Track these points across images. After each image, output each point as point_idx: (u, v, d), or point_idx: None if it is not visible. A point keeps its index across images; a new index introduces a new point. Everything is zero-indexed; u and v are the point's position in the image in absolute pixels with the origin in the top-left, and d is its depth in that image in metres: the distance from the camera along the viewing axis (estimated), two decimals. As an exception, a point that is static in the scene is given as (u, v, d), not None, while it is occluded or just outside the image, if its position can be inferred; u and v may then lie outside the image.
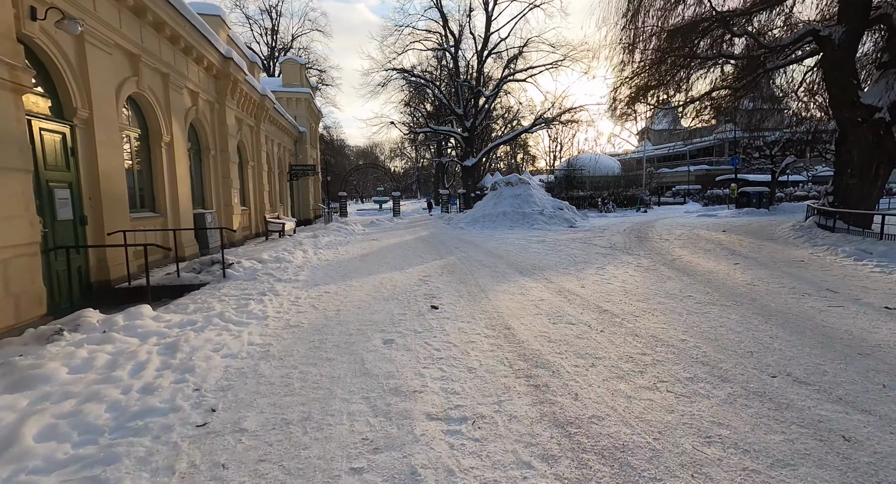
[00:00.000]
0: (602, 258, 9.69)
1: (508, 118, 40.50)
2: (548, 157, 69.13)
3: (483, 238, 14.83)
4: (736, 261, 8.83)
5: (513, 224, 18.98)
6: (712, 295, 5.86)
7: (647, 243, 12.19)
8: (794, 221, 16.12)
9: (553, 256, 10.08)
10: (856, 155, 12.23)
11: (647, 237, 13.73)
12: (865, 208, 12.44)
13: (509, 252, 10.97)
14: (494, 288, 6.69)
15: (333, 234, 15.75)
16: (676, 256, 9.74)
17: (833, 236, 11.05)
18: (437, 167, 55.07)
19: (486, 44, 28.86)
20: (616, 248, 11.48)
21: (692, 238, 13.13)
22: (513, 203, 20.58)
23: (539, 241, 13.49)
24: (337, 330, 4.70)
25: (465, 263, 9.36)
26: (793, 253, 9.66)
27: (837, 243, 9.87)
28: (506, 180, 22.09)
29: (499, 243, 13.03)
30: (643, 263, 8.86)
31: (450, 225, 21.37)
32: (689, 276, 7.33)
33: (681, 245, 11.60)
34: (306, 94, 24.14)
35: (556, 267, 8.59)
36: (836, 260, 8.33)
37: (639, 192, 31.69)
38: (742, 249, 10.55)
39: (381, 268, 8.85)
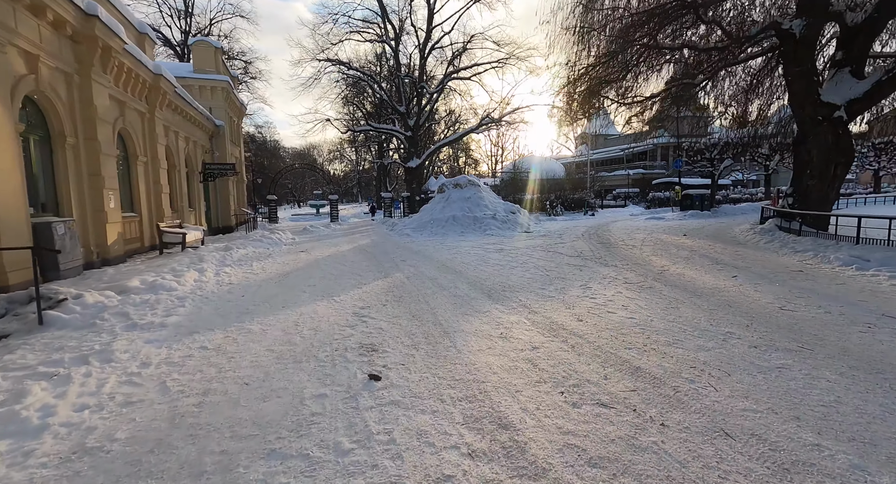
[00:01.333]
0: (578, 272, 8.13)
1: (451, 121, 39.14)
2: (490, 161, 69.22)
3: (433, 247, 12.89)
4: (728, 271, 7.64)
5: (464, 230, 17.26)
6: (757, 331, 4.34)
7: (616, 251, 10.92)
8: (749, 223, 15.92)
9: (521, 271, 8.37)
10: (815, 155, 11.85)
11: (612, 243, 12.55)
12: (823, 210, 12.13)
13: (467, 265, 9.13)
14: (461, 326, 4.76)
15: (253, 245, 13.03)
16: (659, 267, 8.42)
17: (804, 240, 10.41)
18: (378, 169, 52.63)
19: (428, 37, 27.12)
20: (586, 257, 10.06)
21: (659, 243, 12.11)
22: (463, 207, 18.88)
23: (497, 249, 11.81)
24: (178, 456, 2.47)
25: (416, 282, 7.35)
26: (780, 261, 8.71)
27: (819, 249, 9.09)
28: (454, 182, 20.38)
29: (452, 253, 11.16)
30: (630, 277, 7.38)
31: (394, 231, 19.24)
32: (698, 296, 5.89)
33: (653, 252, 10.43)
34: (224, 83, 20.84)
35: (531, 286, 6.85)
36: (837, 270, 7.37)
37: (584, 195, 31.50)
38: (722, 256, 9.53)
39: (302, 295, 6.58)
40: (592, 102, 13.56)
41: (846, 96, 11.33)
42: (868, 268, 7.14)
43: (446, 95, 34.01)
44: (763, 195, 26.40)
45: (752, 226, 14.96)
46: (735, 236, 13.23)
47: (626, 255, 10.20)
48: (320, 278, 8.00)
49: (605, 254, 10.43)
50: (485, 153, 72.18)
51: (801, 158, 12.28)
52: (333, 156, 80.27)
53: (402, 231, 18.38)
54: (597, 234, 15.58)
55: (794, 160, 12.62)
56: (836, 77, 11.65)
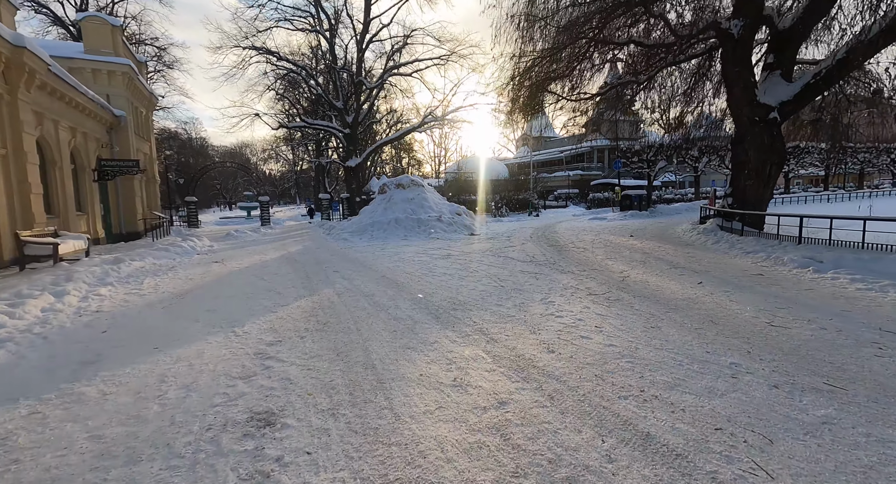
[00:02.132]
0: (535, 280, 7.25)
1: (393, 121, 37.73)
2: (433, 161, 68.51)
3: (373, 253, 11.56)
4: (690, 277, 7.12)
5: (407, 233, 16.04)
6: (763, 360, 3.57)
7: (569, 254, 10.27)
8: (688, 223, 16.19)
9: (472, 282, 7.34)
10: (752, 155, 12.03)
11: (562, 246, 11.96)
12: (760, 209, 12.38)
13: (411, 276, 7.95)
14: (401, 369, 3.57)
15: (156, 255, 10.91)
16: (619, 273, 7.78)
17: (748, 240, 10.39)
18: (316, 169, 49.96)
19: (366, 29, 25.58)
20: (539, 262, 9.26)
21: (609, 245, 11.68)
22: (406, 208, 17.66)
23: (444, 255, 10.73)
24: None
25: (349, 301, 6.05)
26: (735, 263, 8.42)
27: (767, 250, 8.97)
28: (396, 182, 19.09)
29: (395, 261, 9.92)
30: (592, 287, 6.60)
31: (331, 235, 17.58)
32: (674, 310, 5.16)
33: (607, 255, 9.89)
34: (125, 68, 17.93)
35: (486, 302, 5.82)
36: (795, 273, 7.08)
37: (528, 196, 31.49)
38: (677, 258, 9.14)
39: (192, 326, 5.04)
40: (539, 97, 12.94)
41: (778, 98, 11.57)
42: (824, 270, 6.90)
43: (388, 94, 32.59)
44: (693, 196, 27.79)
45: (692, 225, 15.17)
46: (679, 236, 13.19)
47: (581, 259, 9.55)
48: (227, 299, 6.42)
49: (559, 258, 9.72)
50: (428, 154, 71.39)
51: (738, 159, 12.45)
52: (268, 155, 75.60)
53: (339, 235, 16.79)
54: (545, 235, 15.05)
55: (732, 160, 12.80)
56: (768, 80, 11.90)
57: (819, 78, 10.97)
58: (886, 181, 37.65)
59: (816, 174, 34.41)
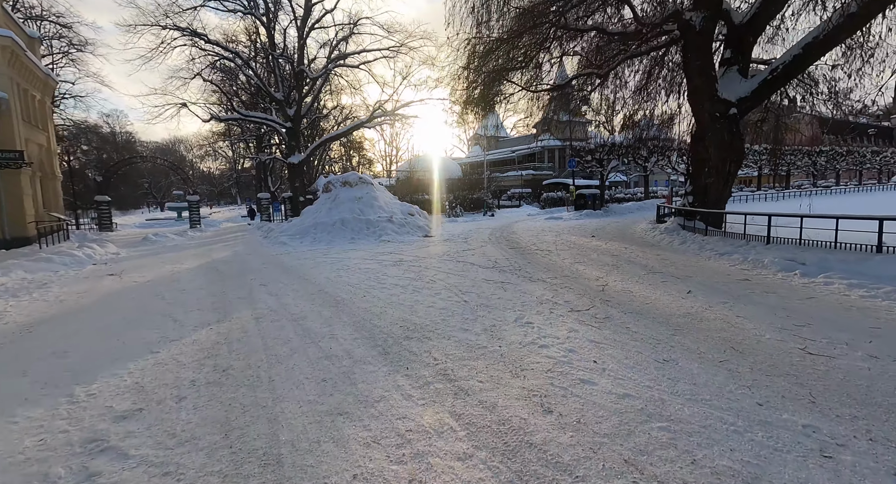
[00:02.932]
0: (503, 292, 6.13)
1: (341, 118, 35.60)
2: (385, 161, 66.65)
3: (313, 260, 9.98)
4: (673, 284, 6.31)
5: (355, 235, 14.50)
6: (840, 416, 2.62)
7: (534, 258, 9.29)
8: (646, 222, 15.92)
9: (429, 295, 6.08)
10: (713, 153, 11.72)
11: (525, 248, 11.01)
12: (719, 207, 12.14)
13: (355, 290, 6.56)
14: (324, 466, 2.24)
15: (28, 267, 8.68)
16: (595, 280, 6.84)
17: (714, 240, 9.94)
18: (257, 167, 46.57)
19: (308, 13, 23.49)
20: (503, 268, 8.18)
21: (574, 247, 10.88)
22: (353, 208, 16.08)
23: (396, 261, 9.39)
24: None
25: (269, 331, 4.57)
26: (712, 266, 7.77)
27: (739, 251, 8.45)
28: (342, 179, 17.42)
29: (337, 270, 8.45)
30: (572, 301, 5.57)
31: (268, 239, 15.64)
32: (680, 332, 4.19)
33: (575, 259, 9.01)
34: (5, 40, 14.91)
35: (448, 325, 4.59)
36: (782, 278, 6.46)
37: (483, 195, 30.76)
38: (650, 261, 8.40)
39: (12, 383, 3.39)
40: (496, 87, 11.92)
41: (736, 94, 11.31)
42: (812, 273, 6.33)
43: (335, 88, 30.51)
44: (643, 195, 28.29)
45: (650, 224, 14.86)
46: (642, 236, 12.70)
47: (548, 263, 8.59)
48: (93, 333, 4.71)
49: (524, 263, 8.70)
50: (379, 153, 69.43)
51: (699, 156, 12.12)
52: (206, 152, 70.10)
53: (277, 239, 14.90)
54: (504, 237, 14.11)
55: (692, 157, 12.48)
56: (726, 75, 11.62)
57: (776, 74, 10.78)
58: (806, 182, 40.94)
59: (750, 175, 36.52)
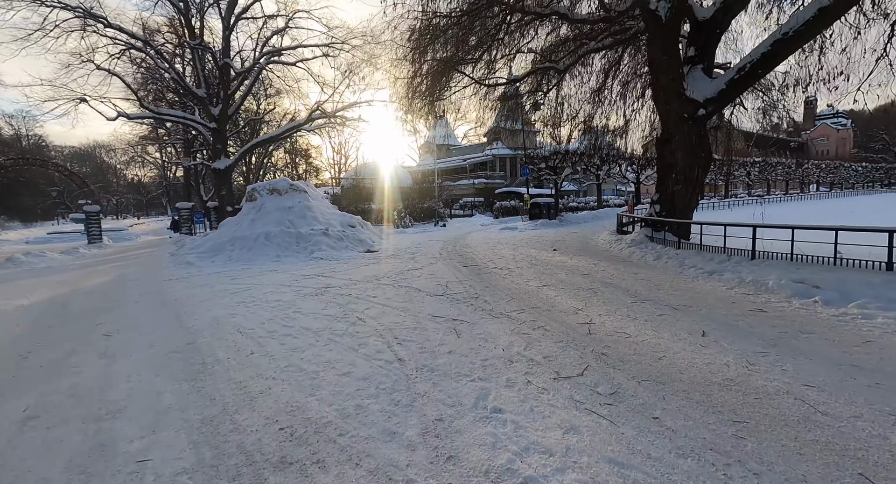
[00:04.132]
0: (455, 340, 4.37)
1: (284, 123, 32.73)
2: (333, 169, 63.60)
3: (213, 288, 7.73)
4: (674, 320, 4.85)
5: (282, 252, 12.24)
6: None
7: (492, 280, 7.64)
8: (606, 232, 14.87)
9: (348, 348, 4.19)
10: (681, 157, 10.77)
11: (481, 266, 9.37)
12: (687, 217, 11.20)
13: (244, 342, 4.52)
14: None
15: None
16: (574, 314, 5.26)
17: (690, 254, 8.82)
18: (186, 174, 42.25)
19: (234, 1, 20.90)
20: (456, 296, 6.45)
21: (536, 264, 9.40)
22: (282, 219, 13.78)
23: (321, 288, 7.38)
24: None
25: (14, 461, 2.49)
26: (708, 290, 6.48)
27: (728, 269, 7.28)
28: (270, 187, 15.04)
29: (237, 304, 6.32)
30: (553, 355, 3.90)
31: (175, 257, 12.94)
32: (741, 426, 2.64)
33: (541, 281, 7.46)
34: None
35: (364, 423, 2.74)
36: (803, 308, 5.19)
37: (434, 204, 29.12)
38: (629, 283, 7.00)
39: None
40: (446, 79, 10.31)
41: (703, 94, 10.44)
42: (837, 301, 5.11)
43: (274, 90, 27.77)
44: (596, 204, 27.89)
45: (612, 235, 13.81)
46: (608, 250, 11.50)
47: (510, 288, 6.95)
48: None
49: (482, 288, 7.01)
50: (327, 161, 66.35)
51: (666, 161, 11.15)
52: (131, 158, 63.53)
53: (184, 257, 12.30)
54: (457, 251, 12.44)
55: (659, 162, 11.51)
56: (691, 74, 10.76)
57: (743, 73, 9.97)
58: (741, 191, 43.20)
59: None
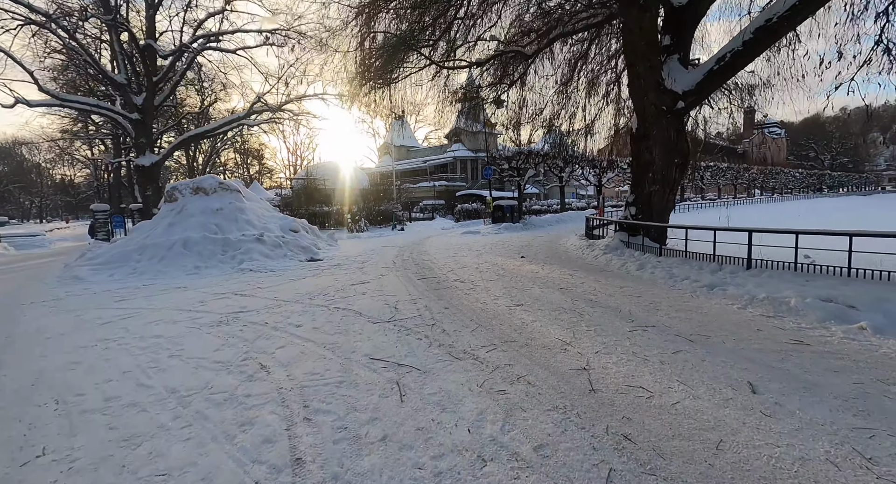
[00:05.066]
0: (395, 407, 2.83)
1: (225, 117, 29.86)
2: (288, 170, 60.36)
3: (87, 315, 5.74)
4: (697, 360, 3.58)
5: (203, 261, 10.21)
6: None
7: (453, 298, 6.16)
8: (575, 236, 13.84)
9: (228, 423, 2.54)
10: (658, 155, 9.80)
11: (440, 278, 7.89)
12: (664, 219, 10.27)
13: (76, 409, 2.75)
14: None
15: None
16: (562, 351, 3.88)
17: (675, 262, 7.78)
18: (115, 173, 38.31)
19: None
20: (407, 324, 4.92)
21: (504, 275, 8.04)
22: (206, 223, 11.69)
23: (230, 313, 5.61)
24: None
25: None
26: (716, 311, 5.30)
27: (737, 284, 6.20)
28: (194, 185, 12.84)
29: (98, 341, 4.45)
30: (543, 435, 2.46)
31: (66, 269, 10.52)
32: None
33: (512, 299, 6.07)
34: None
35: None
36: (856, 339, 3.99)
37: (392, 207, 27.38)
38: (619, 301, 5.74)
39: None
40: (398, 59, 8.78)
41: (680, 86, 9.54)
42: (892, 330, 4.00)
43: (218, 85, 24.99)
44: (559, 207, 27.19)
45: (581, 239, 12.78)
46: (581, 256, 10.35)
47: (475, 308, 5.50)
48: None
49: (440, 309, 5.52)
50: (282, 162, 63.11)
51: (642, 159, 10.15)
52: (58, 155, 57.33)
53: (75, 270, 9.96)
54: (413, 258, 10.91)
55: (634, 160, 10.51)
56: (667, 64, 9.84)
57: (723, 63, 9.10)
58: (692, 195, 44.53)
59: (627, 189, 37.88)
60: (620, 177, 31.94)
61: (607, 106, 15.54)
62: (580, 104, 15.33)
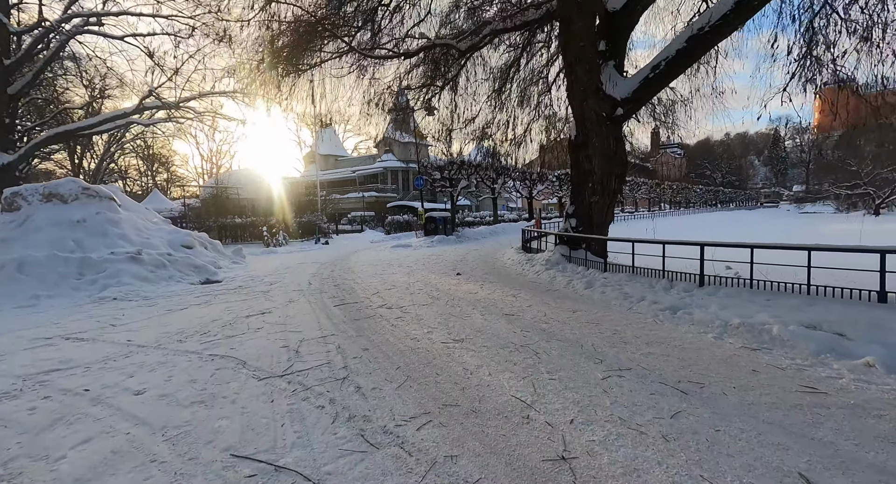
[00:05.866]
0: None
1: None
2: (201, 179, 54.89)
3: None
4: (717, 430, 2.61)
5: (46, 289, 7.78)
6: None
7: (375, 331, 4.79)
8: (512, 249, 13.09)
9: None
10: (598, 164, 9.30)
11: (362, 304, 6.48)
12: (603, 232, 9.77)
13: None
14: None
15: None
16: (522, 424, 2.70)
17: (623, 280, 7.12)
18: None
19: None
20: (307, 381, 3.48)
21: (440, 297, 6.84)
22: (59, 239, 9.15)
23: (44, 371, 3.71)
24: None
25: None
26: (693, 342, 4.49)
27: (694, 302, 5.53)
28: (45, 190, 10.11)
29: None
30: None
31: None
32: None
33: (449, 330, 4.86)
34: None
35: None
36: (873, 382, 3.28)
37: (315, 219, 25.17)
38: (575, 330, 4.76)
39: None
40: (314, 45, 7.33)
41: (619, 93, 9.17)
42: (891, 365, 3.36)
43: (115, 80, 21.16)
44: (492, 219, 26.82)
45: (518, 253, 12.03)
46: (522, 273, 9.48)
47: (403, 349, 4.19)
48: None
49: (356, 353, 4.13)
50: (196, 170, 57.36)
51: (581, 168, 9.59)
52: None
53: None
54: (334, 277, 9.33)
55: (573, 170, 9.94)
56: (604, 70, 9.47)
57: (658, 71, 8.85)
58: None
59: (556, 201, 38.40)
60: (550, 189, 32.60)
61: (538, 118, 15.25)
62: (512, 113, 14.87)
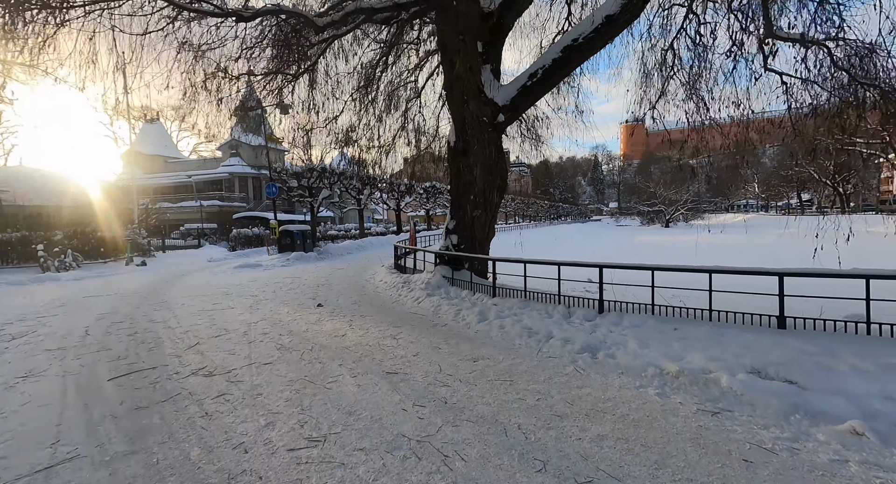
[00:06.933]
0: None
1: None
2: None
3: None
4: None
5: None
6: None
7: (168, 439, 2.68)
8: (383, 268, 11.47)
9: None
10: (479, 174, 8.42)
11: (164, 375, 4.14)
12: (485, 249, 8.93)
13: None
14: None
15: None
16: None
17: (516, 307, 6.22)
18: None
19: None
20: None
21: (289, 350, 4.88)
22: None
23: None
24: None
25: None
26: (644, 408, 3.52)
27: (618, 342, 4.75)
28: None
29: None
30: None
31: None
32: None
33: (302, 420, 3.07)
34: None
35: None
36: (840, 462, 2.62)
37: (131, 232, 19.64)
38: (498, 405, 3.44)
39: None
40: None
41: (500, 99, 8.49)
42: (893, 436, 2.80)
43: None
44: (358, 232, 24.75)
45: (392, 273, 10.53)
46: (400, 301, 7.95)
47: (214, 474, 2.26)
48: None
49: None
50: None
51: (462, 178, 8.59)
52: None
53: None
54: (133, 318, 6.42)
55: (453, 180, 8.90)
56: (484, 71, 8.72)
57: (535, 79, 8.43)
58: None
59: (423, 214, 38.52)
60: (418, 202, 32.02)
61: (406, 126, 14.14)
62: (380, 116, 13.42)
